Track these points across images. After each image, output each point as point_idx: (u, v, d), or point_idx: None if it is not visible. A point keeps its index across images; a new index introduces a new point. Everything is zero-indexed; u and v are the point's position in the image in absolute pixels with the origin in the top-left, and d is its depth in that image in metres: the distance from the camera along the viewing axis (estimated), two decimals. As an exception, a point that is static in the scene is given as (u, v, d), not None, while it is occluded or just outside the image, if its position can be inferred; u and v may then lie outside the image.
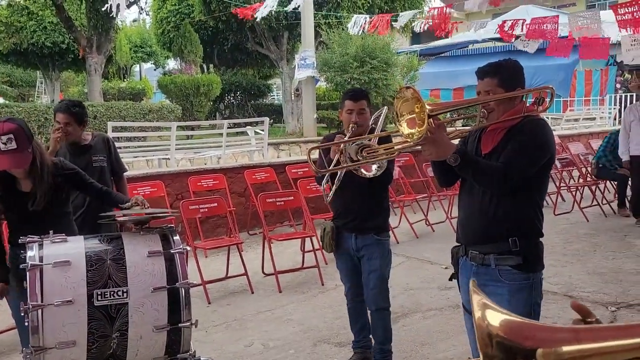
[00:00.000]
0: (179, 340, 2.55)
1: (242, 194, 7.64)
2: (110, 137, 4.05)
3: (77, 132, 3.61)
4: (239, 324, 4.48)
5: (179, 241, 2.69)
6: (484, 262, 2.36)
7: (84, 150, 3.67)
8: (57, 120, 3.56)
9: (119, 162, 3.92)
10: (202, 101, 15.11)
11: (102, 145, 3.80)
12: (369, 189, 3.30)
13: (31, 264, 2.34)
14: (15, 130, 2.59)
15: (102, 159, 3.74)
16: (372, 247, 3.38)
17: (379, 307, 3.42)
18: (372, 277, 3.41)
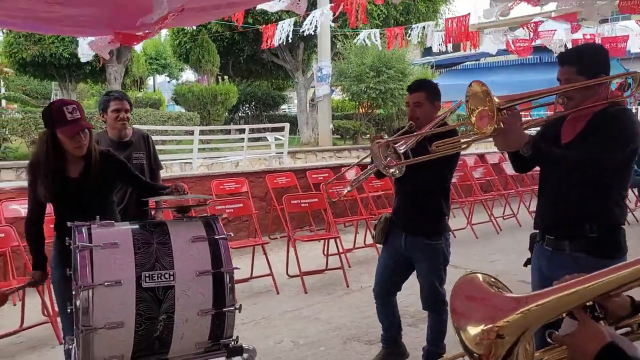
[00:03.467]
0: (222, 325, 2.55)
1: (263, 198, 7.66)
2: (148, 134, 4.09)
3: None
4: (267, 322, 4.47)
5: (221, 228, 2.71)
6: (558, 247, 2.34)
7: (125, 146, 3.70)
8: (117, 108, 3.60)
9: (156, 159, 3.95)
10: (219, 110, 15.25)
11: (142, 142, 3.83)
12: (420, 192, 3.24)
13: (81, 245, 2.37)
14: (76, 104, 2.75)
15: (142, 156, 3.77)
16: (421, 250, 3.30)
17: (427, 307, 3.39)
18: (420, 280, 3.37)
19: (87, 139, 2.80)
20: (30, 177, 2.78)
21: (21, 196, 5.67)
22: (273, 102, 21.63)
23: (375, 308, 3.60)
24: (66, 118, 2.69)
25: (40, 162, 2.73)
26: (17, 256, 5.12)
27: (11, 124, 10.87)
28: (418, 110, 3.19)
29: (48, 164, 2.72)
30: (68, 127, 2.69)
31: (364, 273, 5.80)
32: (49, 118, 2.71)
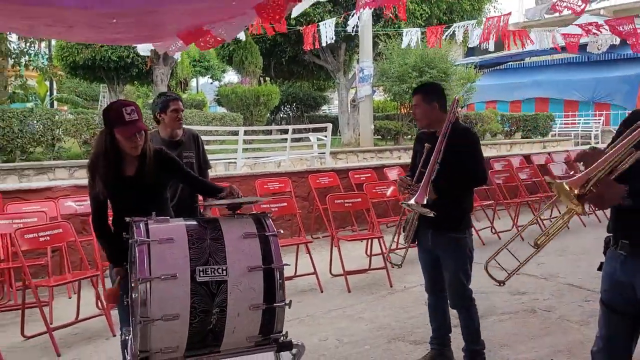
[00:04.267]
0: (273, 320, 2.60)
1: (306, 198, 7.73)
2: (198, 134, 4.17)
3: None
4: (311, 320, 4.52)
5: (272, 225, 2.76)
6: (633, 252, 2.27)
7: (176, 145, 3.80)
8: (176, 109, 3.72)
9: (205, 159, 4.03)
10: (262, 111, 15.44)
11: (192, 142, 3.92)
12: (445, 189, 3.28)
13: (140, 240, 2.46)
14: (135, 105, 2.84)
15: (191, 155, 3.86)
16: (447, 246, 3.35)
17: (455, 305, 3.39)
18: (446, 276, 3.40)
19: (143, 139, 2.89)
20: (89, 175, 2.89)
21: (76, 194, 5.91)
22: (314, 102, 21.75)
23: (422, 308, 3.61)
24: (124, 119, 2.79)
25: (98, 161, 2.85)
26: (72, 251, 5.35)
27: (64, 125, 11.28)
28: (417, 112, 3.44)
29: (105, 162, 2.83)
30: (125, 127, 2.79)
31: (407, 274, 5.77)
32: (108, 118, 2.82)
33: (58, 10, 2.92)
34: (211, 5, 3.34)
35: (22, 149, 10.87)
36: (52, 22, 3.17)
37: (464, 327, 3.43)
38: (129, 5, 3.05)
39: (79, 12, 2.97)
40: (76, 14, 3.03)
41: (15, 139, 10.65)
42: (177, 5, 3.24)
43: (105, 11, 3.07)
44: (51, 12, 2.86)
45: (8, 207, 5.38)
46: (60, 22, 3.22)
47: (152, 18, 3.43)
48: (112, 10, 3.10)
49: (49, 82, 18.83)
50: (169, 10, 3.24)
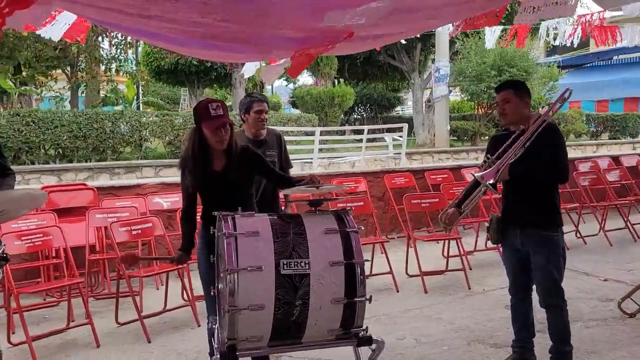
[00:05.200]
0: (353, 314, 2.65)
1: (381, 198, 7.72)
2: (281, 134, 4.27)
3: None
4: (387, 319, 4.53)
5: (352, 221, 2.81)
6: None
7: (260, 144, 3.91)
8: (259, 110, 3.85)
9: (287, 159, 4.13)
10: (336, 112, 15.57)
11: (275, 141, 4.03)
12: (536, 185, 3.23)
13: (228, 233, 2.58)
14: (221, 102, 3.00)
15: (274, 154, 3.97)
16: (538, 243, 3.26)
17: (547, 303, 3.29)
18: (538, 274, 3.30)
19: (228, 134, 3.02)
20: (181, 169, 3.07)
21: (162, 191, 6.24)
22: (388, 103, 21.64)
23: (503, 312, 3.54)
24: (210, 114, 2.94)
25: (188, 156, 3.01)
26: (159, 245, 5.65)
27: (150, 127, 11.91)
28: (507, 107, 3.32)
29: (195, 157, 3.00)
30: (211, 121, 2.95)
31: (486, 276, 5.66)
32: (196, 114, 2.99)
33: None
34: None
35: (113, 149, 11.57)
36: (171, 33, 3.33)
37: (554, 327, 3.32)
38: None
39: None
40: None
41: (107, 140, 11.37)
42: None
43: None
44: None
45: (103, 203, 5.76)
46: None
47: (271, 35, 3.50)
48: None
49: (136, 86, 19.88)
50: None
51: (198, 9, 2.79)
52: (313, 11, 2.87)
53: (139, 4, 2.70)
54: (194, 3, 2.69)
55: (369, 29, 3.26)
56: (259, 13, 2.93)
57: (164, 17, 2.95)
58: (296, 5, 2.81)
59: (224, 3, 2.73)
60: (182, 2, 2.67)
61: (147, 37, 3.98)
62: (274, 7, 2.85)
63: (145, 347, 4.07)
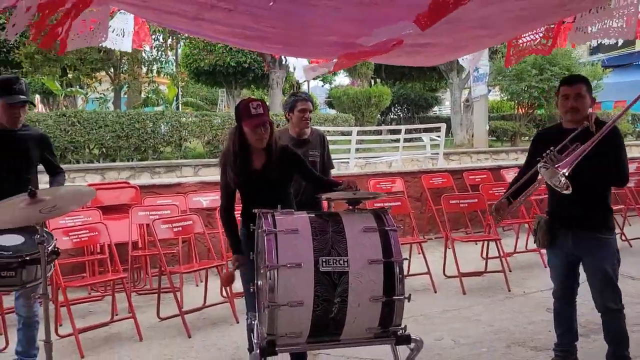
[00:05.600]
0: (392, 313, 2.64)
1: (419, 199, 7.67)
2: (325, 134, 4.28)
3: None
4: (425, 319, 4.50)
5: (391, 220, 2.80)
6: None
7: (303, 143, 3.94)
8: (303, 109, 3.87)
9: (329, 159, 4.13)
10: (373, 112, 15.54)
11: (318, 141, 4.04)
12: (590, 186, 3.10)
13: (268, 230, 2.62)
14: (261, 101, 3.04)
15: (317, 154, 3.98)
16: (594, 247, 3.15)
17: (605, 308, 3.18)
18: (594, 278, 3.19)
19: (267, 133, 3.06)
20: (221, 166, 3.13)
21: (202, 190, 6.35)
22: (425, 103, 21.45)
23: (544, 315, 3.46)
24: (250, 112, 2.99)
25: (229, 153, 3.07)
26: (199, 243, 5.76)
27: (190, 127, 12.15)
28: (579, 103, 3.15)
29: (235, 155, 3.05)
30: (251, 119, 2.99)
31: (527, 278, 5.56)
32: (237, 113, 3.04)
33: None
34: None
35: (154, 148, 11.85)
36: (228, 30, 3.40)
37: (613, 331, 3.21)
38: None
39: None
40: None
41: (148, 140, 11.65)
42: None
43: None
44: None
45: (145, 200, 5.91)
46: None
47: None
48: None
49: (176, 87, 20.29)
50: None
51: (248, 18, 2.86)
52: (360, 24, 2.89)
53: (194, 10, 2.78)
54: (245, 13, 2.75)
55: (417, 38, 3.23)
56: (305, 24, 2.98)
57: (218, 22, 3.02)
58: (343, 18, 2.83)
59: (272, 14, 2.79)
60: (235, 12, 2.73)
61: (201, 35, 4.07)
62: (321, 18, 2.89)
63: (185, 342, 4.16)
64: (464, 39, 3.72)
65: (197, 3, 2.63)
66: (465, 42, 3.88)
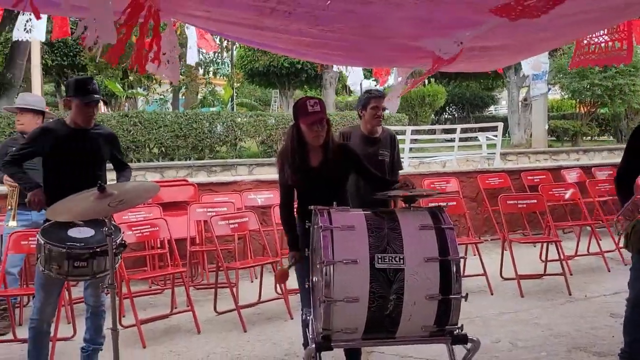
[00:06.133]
0: (448, 312, 2.61)
1: (474, 199, 7.52)
2: (395, 134, 4.24)
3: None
4: (481, 321, 4.42)
5: (448, 218, 2.78)
6: None
7: (374, 142, 3.93)
8: (375, 106, 3.86)
9: (398, 159, 4.10)
10: (427, 111, 15.37)
11: (388, 141, 4.00)
12: None
13: (324, 226, 2.65)
14: (319, 100, 3.08)
15: (386, 153, 3.94)
16: None
17: None
18: None
19: (324, 130, 3.08)
20: (279, 164, 3.18)
21: (257, 188, 6.47)
22: (481, 102, 21.00)
23: (607, 320, 3.31)
24: (307, 110, 3.02)
25: (287, 150, 3.12)
26: (253, 240, 5.87)
27: (245, 127, 12.39)
28: None
29: (293, 152, 3.09)
30: (308, 117, 3.02)
31: (589, 282, 5.36)
32: (295, 111, 3.08)
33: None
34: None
35: (210, 148, 12.15)
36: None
37: None
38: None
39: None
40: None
41: (204, 139, 11.96)
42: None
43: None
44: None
45: (202, 198, 6.08)
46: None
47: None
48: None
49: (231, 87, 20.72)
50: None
51: (307, 21, 2.89)
52: (424, 24, 2.87)
53: (254, 17, 2.84)
54: (304, 16, 2.79)
55: (477, 41, 3.18)
56: (365, 25, 2.98)
57: (277, 29, 3.08)
58: (404, 17, 2.82)
59: (330, 14, 2.81)
60: (294, 15, 2.77)
61: (261, 45, 4.14)
62: (381, 22, 2.89)
63: (241, 336, 4.26)
64: (526, 42, 3.61)
65: (256, 9, 2.68)
66: (527, 46, 3.77)
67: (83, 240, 2.86)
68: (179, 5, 2.82)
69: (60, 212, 2.73)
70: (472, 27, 2.70)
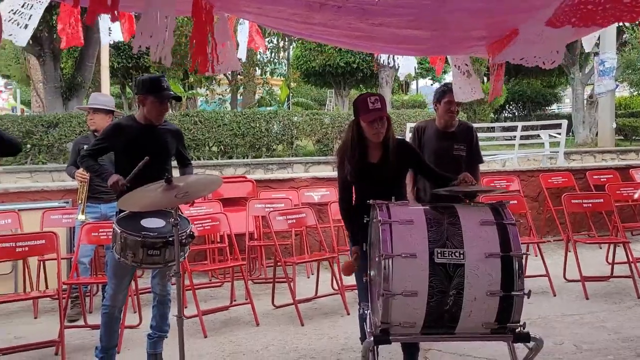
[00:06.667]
0: (510, 309, 2.57)
1: (536, 199, 7.31)
2: (474, 126, 4.13)
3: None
4: (544, 322, 4.30)
5: (510, 214, 2.73)
6: None
7: (448, 136, 3.86)
8: (449, 100, 3.80)
9: (477, 153, 3.98)
10: (485, 110, 15.01)
11: (465, 134, 3.91)
12: None
13: (383, 220, 2.65)
14: (380, 96, 3.08)
15: (462, 147, 3.84)
16: None
17: None
18: None
19: (384, 127, 3.08)
20: (338, 160, 3.21)
21: (314, 185, 6.54)
22: (543, 100, 20.30)
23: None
24: (368, 107, 3.03)
25: (347, 147, 3.14)
26: (309, 236, 5.94)
27: (301, 126, 12.52)
28: None
29: (353, 148, 3.11)
30: (368, 114, 3.03)
31: (660, 286, 5.10)
32: (356, 107, 3.10)
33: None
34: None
35: (267, 146, 12.36)
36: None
37: None
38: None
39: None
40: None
41: (262, 138, 12.17)
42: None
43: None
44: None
45: (260, 194, 6.20)
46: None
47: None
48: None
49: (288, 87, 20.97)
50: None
51: (356, 15, 2.91)
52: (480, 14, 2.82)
53: (304, 12, 2.89)
54: (353, 10, 2.81)
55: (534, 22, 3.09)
56: (416, 18, 2.97)
57: (326, 24, 3.12)
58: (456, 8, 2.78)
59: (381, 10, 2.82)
60: (343, 9, 2.80)
61: (312, 37, 4.19)
62: (433, 14, 2.87)
63: (298, 330, 4.32)
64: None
65: (306, 4, 2.72)
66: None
67: (156, 230, 3.00)
68: (233, 3, 2.91)
69: (130, 202, 2.86)
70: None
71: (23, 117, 12.45)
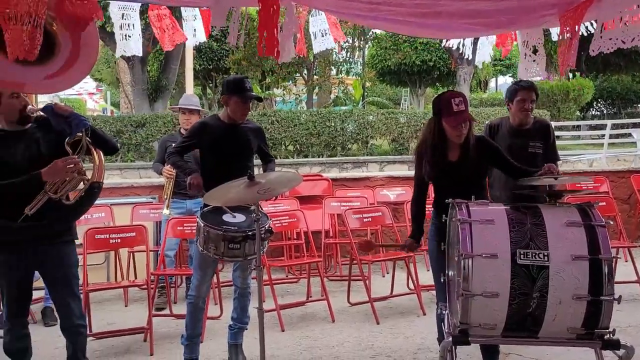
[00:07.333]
0: (598, 314, 2.46)
1: (626, 201, 6.90)
2: (550, 124, 3.99)
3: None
4: (635, 331, 4.12)
5: (599, 215, 2.61)
6: None
7: (522, 134, 3.77)
8: (522, 98, 3.70)
9: (554, 151, 3.86)
10: (571, 107, 14.33)
11: (541, 132, 3.80)
12: None
13: (462, 219, 2.62)
14: (463, 96, 3.03)
15: (538, 145, 3.74)
16: None
17: None
18: None
19: (467, 128, 3.03)
20: (416, 158, 3.19)
21: (389, 184, 6.53)
22: (635, 97, 19.02)
23: None
24: (452, 109, 2.97)
25: (426, 145, 3.11)
26: (385, 236, 5.93)
27: (376, 125, 12.48)
28: None
29: (432, 147, 3.08)
30: (453, 117, 2.97)
31: None
32: (438, 107, 3.05)
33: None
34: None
35: (342, 145, 12.42)
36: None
37: None
38: None
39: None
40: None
41: (337, 137, 12.25)
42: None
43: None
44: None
45: (336, 192, 6.26)
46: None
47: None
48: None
49: (362, 86, 20.95)
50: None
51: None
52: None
53: None
54: None
55: None
56: None
57: (391, 2, 3.09)
58: None
59: None
60: None
61: (376, 22, 4.15)
62: None
63: (374, 327, 4.33)
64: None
65: None
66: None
67: (236, 224, 3.14)
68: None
69: (215, 197, 3.00)
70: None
71: (114, 118, 13.23)
